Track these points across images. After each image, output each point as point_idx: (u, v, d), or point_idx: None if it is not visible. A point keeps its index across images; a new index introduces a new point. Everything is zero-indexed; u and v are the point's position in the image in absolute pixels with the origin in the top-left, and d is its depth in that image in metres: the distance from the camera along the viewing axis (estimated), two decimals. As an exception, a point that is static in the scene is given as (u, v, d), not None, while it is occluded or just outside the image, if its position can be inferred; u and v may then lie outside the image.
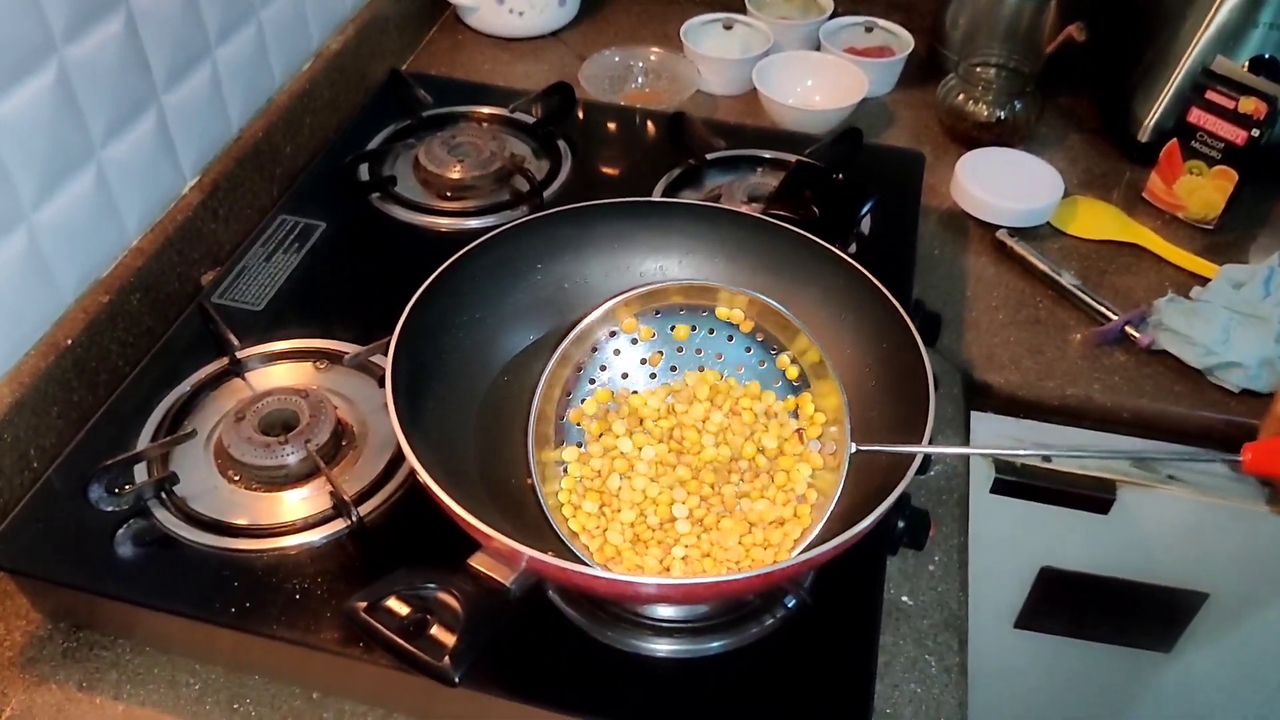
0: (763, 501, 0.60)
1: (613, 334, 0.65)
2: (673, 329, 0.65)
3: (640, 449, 0.62)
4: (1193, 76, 0.95)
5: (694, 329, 0.65)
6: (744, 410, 0.64)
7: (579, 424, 0.64)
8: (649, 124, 1.00)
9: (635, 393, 0.65)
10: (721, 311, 0.64)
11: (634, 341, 0.65)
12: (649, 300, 0.64)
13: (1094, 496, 0.91)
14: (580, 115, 1.00)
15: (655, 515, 0.60)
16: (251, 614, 0.59)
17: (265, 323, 0.77)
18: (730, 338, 0.65)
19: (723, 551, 0.58)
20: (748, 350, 0.65)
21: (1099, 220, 0.98)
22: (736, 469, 0.62)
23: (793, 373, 0.64)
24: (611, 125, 1.00)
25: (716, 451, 0.62)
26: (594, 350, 0.64)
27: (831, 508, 0.58)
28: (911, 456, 0.54)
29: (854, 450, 0.59)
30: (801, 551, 0.58)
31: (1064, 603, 1.03)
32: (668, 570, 0.58)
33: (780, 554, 0.58)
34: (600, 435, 0.63)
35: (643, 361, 0.65)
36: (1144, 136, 1.03)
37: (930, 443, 0.55)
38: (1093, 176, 1.04)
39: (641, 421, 0.64)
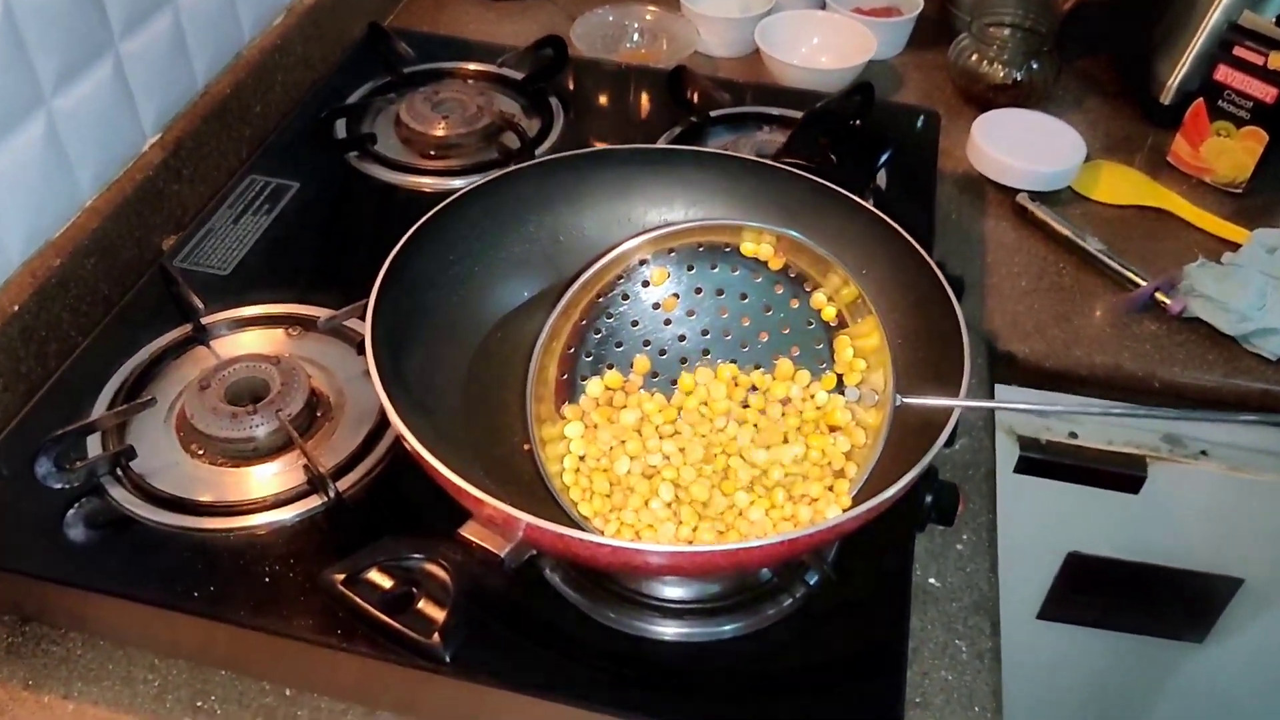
0: (795, 476, 0.55)
1: (620, 278, 0.59)
2: (690, 268, 0.59)
3: (660, 438, 0.57)
4: (1218, 34, 0.92)
5: (714, 268, 0.59)
6: (772, 402, 0.59)
7: (580, 419, 0.58)
8: (647, 82, 0.96)
9: (649, 392, 0.60)
10: (748, 248, 0.58)
11: (645, 284, 0.59)
12: (663, 241, 0.58)
13: (1124, 474, 0.87)
14: (573, 75, 0.95)
15: (671, 492, 0.55)
16: (217, 600, 0.55)
17: (233, 288, 0.73)
18: (758, 276, 0.59)
19: (748, 525, 0.54)
20: (777, 288, 0.59)
21: (1123, 185, 0.94)
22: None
23: (829, 312, 0.58)
24: (607, 83, 0.96)
25: (741, 441, 0.57)
26: (599, 298, 0.59)
27: (870, 470, 0.54)
28: (943, 421, 0.49)
29: (899, 403, 0.54)
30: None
31: (1091, 591, 1.00)
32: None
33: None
34: (610, 420, 0.58)
35: (655, 306, 0.60)
36: (1167, 98, 0.99)
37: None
38: (1114, 141, 1.00)
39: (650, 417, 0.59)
